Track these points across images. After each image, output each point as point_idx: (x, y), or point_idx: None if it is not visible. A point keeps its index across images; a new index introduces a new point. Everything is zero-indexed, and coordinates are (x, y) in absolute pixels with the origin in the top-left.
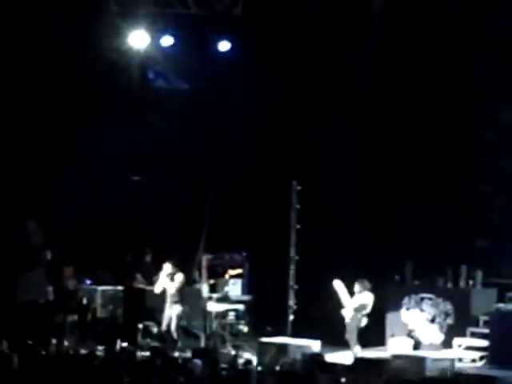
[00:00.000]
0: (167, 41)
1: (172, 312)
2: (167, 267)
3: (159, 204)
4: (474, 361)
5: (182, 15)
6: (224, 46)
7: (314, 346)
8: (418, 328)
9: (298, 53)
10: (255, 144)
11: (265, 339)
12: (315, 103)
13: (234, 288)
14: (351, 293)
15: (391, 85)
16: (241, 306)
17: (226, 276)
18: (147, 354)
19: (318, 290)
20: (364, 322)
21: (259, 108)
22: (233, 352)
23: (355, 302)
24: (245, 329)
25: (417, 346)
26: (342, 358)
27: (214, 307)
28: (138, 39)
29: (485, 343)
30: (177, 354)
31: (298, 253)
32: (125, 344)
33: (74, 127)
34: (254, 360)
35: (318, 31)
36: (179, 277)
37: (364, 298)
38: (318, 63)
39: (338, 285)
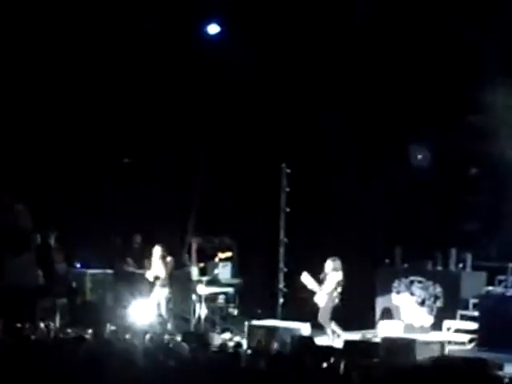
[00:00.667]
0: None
1: (160, 296)
2: (157, 251)
3: (148, 187)
4: (463, 343)
5: None
6: (213, 28)
7: (304, 328)
8: (407, 311)
9: (289, 35)
10: (245, 127)
11: (254, 322)
12: (305, 86)
13: (224, 271)
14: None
15: (380, 67)
16: (230, 289)
17: (216, 259)
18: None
19: (307, 272)
20: (337, 301)
21: (248, 91)
22: (223, 335)
23: (327, 285)
24: (234, 312)
25: (407, 328)
26: (332, 340)
27: (203, 290)
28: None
29: (474, 326)
30: (167, 337)
31: (288, 236)
32: (114, 327)
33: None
34: (244, 343)
35: (308, 14)
36: (169, 261)
37: (334, 277)
38: (308, 46)
39: (306, 277)
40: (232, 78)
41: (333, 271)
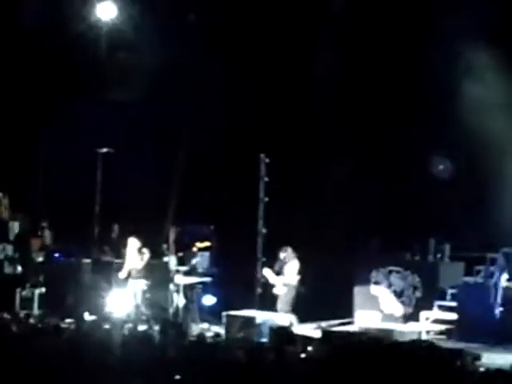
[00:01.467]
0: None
1: (136, 287)
2: (132, 242)
3: (127, 176)
4: (441, 333)
5: None
6: (192, 17)
7: (282, 318)
8: (386, 301)
9: (270, 25)
10: (224, 117)
11: (232, 312)
12: (284, 76)
13: (202, 261)
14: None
15: (360, 63)
16: (208, 279)
17: (194, 249)
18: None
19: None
20: (294, 291)
21: (227, 82)
22: (201, 325)
23: (288, 276)
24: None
25: (385, 318)
26: (310, 330)
27: (181, 280)
28: (106, 10)
29: (452, 316)
30: (144, 326)
31: (266, 226)
32: (92, 317)
33: (40, 100)
34: (222, 333)
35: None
36: (145, 252)
37: (294, 267)
38: (285, 38)
39: (267, 272)
40: (211, 66)
41: (291, 261)
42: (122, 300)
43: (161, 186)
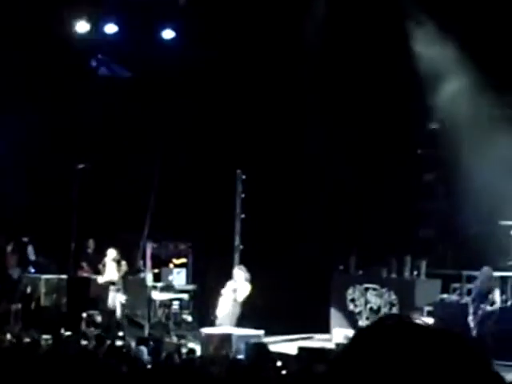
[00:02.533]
0: (111, 28)
1: (115, 300)
2: (111, 253)
3: (103, 192)
4: None
5: (126, 2)
6: (168, 34)
7: (258, 335)
8: (362, 318)
9: (243, 41)
10: (200, 133)
11: (208, 329)
12: (259, 92)
13: (179, 277)
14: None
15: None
16: (185, 296)
17: (171, 265)
18: (91, 342)
19: (261, 279)
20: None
21: (203, 97)
22: (177, 341)
23: (240, 294)
24: (189, 318)
25: None
26: (286, 347)
27: (158, 296)
28: (81, 25)
29: None
30: (120, 342)
31: (243, 242)
32: (68, 333)
33: (12, 114)
34: (198, 349)
35: (260, 22)
36: (123, 264)
37: (247, 288)
38: (261, 53)
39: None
40: (188, 83)
41: (245, 281)
42: (100, 315)
43: (136, 202)
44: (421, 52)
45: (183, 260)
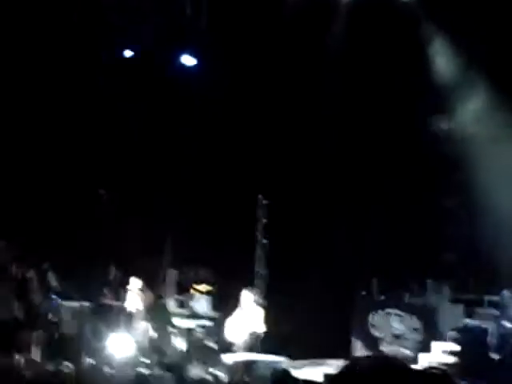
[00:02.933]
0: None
1: (139, 329)
2: (134, 283)
3: (124, 218)
4: None
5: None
6: (188, 60)
7: (283, 362)
8: (385, 343)
9: (265, 64)
10: (222, 158)
11: (233, 355)
12: (282, 116)
13: (202, 304)
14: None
15: (360, 101)
16: (209, 322)
17: (193, 291)
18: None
19: (285, 305)
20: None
21: (224, 122)
22: (201, 368)
23: (254, 323)
24: (213, 345)
25: None
26: (311, 374)
27: (181, 323)
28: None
29: (452, 359)
30: (143, 370)
31: (265, 268)
32: (92, 360)
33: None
34: (223, 377)
35: (283, 45)
36: (148, 293)
37: (255, 315)
38: (284, 77)
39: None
40: (209, 108)
41: (255, 305)
42: (123, 343)
43: (158, 228)
44: (440, 68)
45: (206, 286)
